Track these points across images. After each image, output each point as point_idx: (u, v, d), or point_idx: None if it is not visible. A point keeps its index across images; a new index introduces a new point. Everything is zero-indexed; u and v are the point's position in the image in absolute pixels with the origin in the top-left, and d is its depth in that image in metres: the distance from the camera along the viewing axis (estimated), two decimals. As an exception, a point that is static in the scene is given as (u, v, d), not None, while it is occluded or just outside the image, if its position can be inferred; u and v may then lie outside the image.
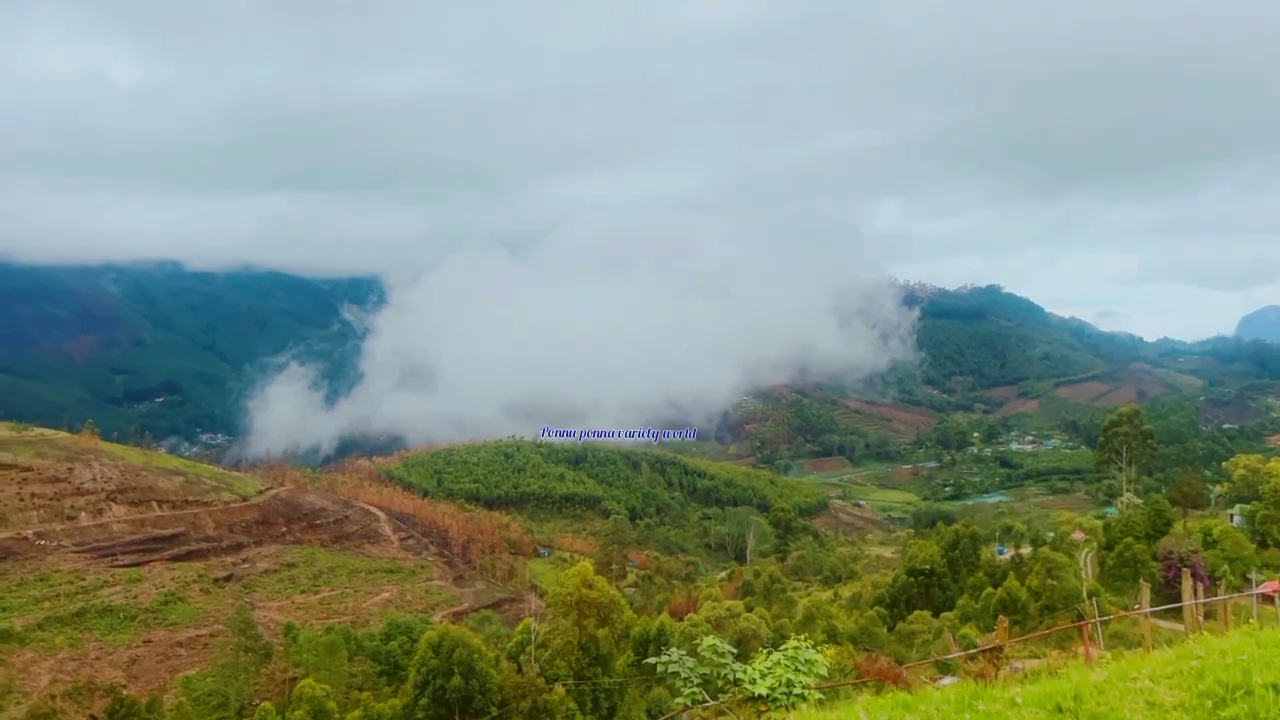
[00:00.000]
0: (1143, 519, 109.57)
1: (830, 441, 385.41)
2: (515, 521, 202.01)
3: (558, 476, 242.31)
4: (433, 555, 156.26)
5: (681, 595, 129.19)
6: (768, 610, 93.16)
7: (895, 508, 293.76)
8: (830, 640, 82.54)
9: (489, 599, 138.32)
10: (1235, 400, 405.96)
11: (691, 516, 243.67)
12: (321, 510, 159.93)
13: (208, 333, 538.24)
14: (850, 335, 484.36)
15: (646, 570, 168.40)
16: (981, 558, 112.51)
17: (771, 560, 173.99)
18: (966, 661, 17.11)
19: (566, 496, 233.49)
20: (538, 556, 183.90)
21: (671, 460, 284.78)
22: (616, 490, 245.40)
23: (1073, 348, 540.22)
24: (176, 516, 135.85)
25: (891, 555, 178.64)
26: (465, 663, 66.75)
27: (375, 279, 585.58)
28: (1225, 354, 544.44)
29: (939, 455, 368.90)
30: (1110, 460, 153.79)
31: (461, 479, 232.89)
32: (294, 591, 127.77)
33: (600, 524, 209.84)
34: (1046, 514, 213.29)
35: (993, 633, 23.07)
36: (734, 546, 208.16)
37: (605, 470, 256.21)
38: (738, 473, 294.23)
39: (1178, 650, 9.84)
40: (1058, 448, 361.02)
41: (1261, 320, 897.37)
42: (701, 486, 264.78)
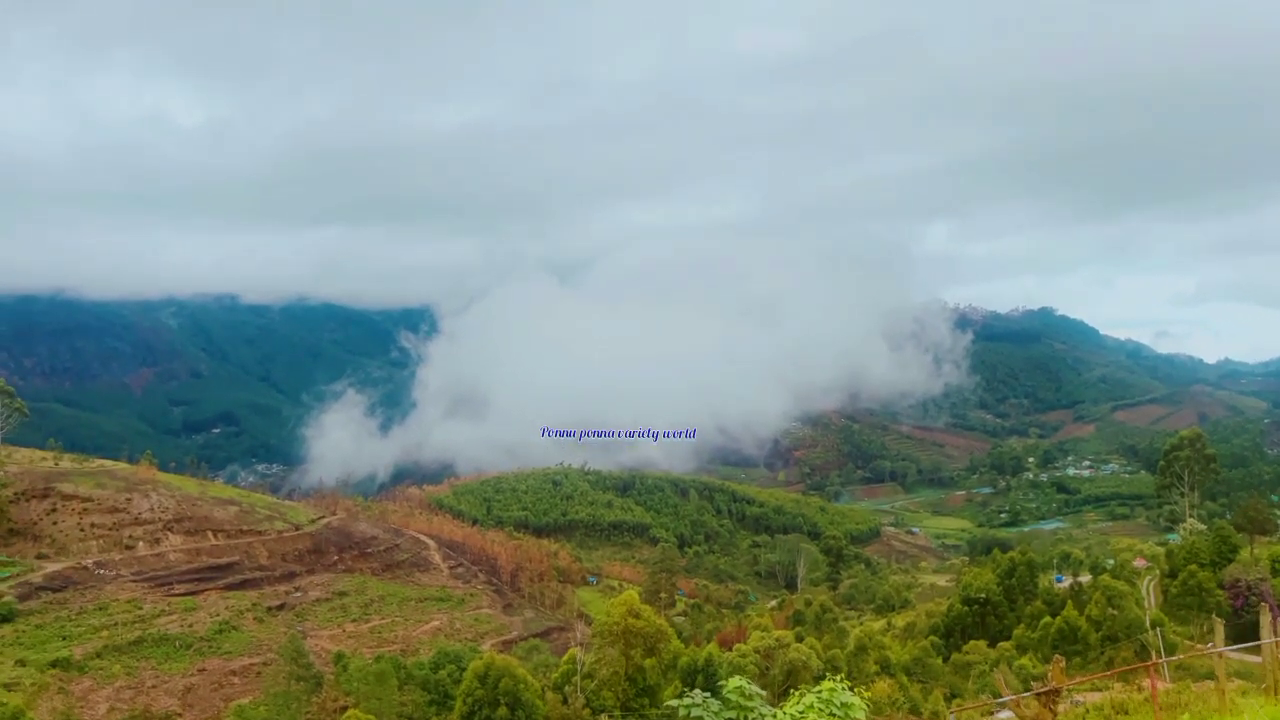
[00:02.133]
0: (1207, 545, 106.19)
1: (881, 468, 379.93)
2: (563, 549, 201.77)
3: (605, 504, 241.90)
4: (481, 583, 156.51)
5: (731, 624, 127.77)
6: (819, 640, 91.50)
7: (949, 535, 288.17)
8: (883, 671, 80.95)
9: (537, 627, 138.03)
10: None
11: (741, 544, 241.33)
12: (372, 539, 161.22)
13: (263, 364, 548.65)
14: (901, 359, 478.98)
15: (695, 599, 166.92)
16: (1039, 586, 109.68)
17: (823, 589, 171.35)
18: (1020, 706, 16.43)
19: (614, 524, 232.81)
20: (586, 584, 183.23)
21: (720, 487, 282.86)
22: (664, 518, 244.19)
23: (1130, 370, 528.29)
24: (231, 546, 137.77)
25: (946, 584, 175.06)
26: (511, 693, 66.44)
27: (427, 309, 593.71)
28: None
29: (993, 481, 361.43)
30: (1171, 485, 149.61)
31: (510, 507, 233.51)
32: (345, 620, 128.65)
33: (648, 552, 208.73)
34: (1106, 540, 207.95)
35: (1051, 664, 22.27)
36: (784, 575, 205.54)
37: (653, 497, 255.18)
38: (787, 499, 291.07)
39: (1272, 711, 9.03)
40: (1116, 472, 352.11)
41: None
42: (750, 514, 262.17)
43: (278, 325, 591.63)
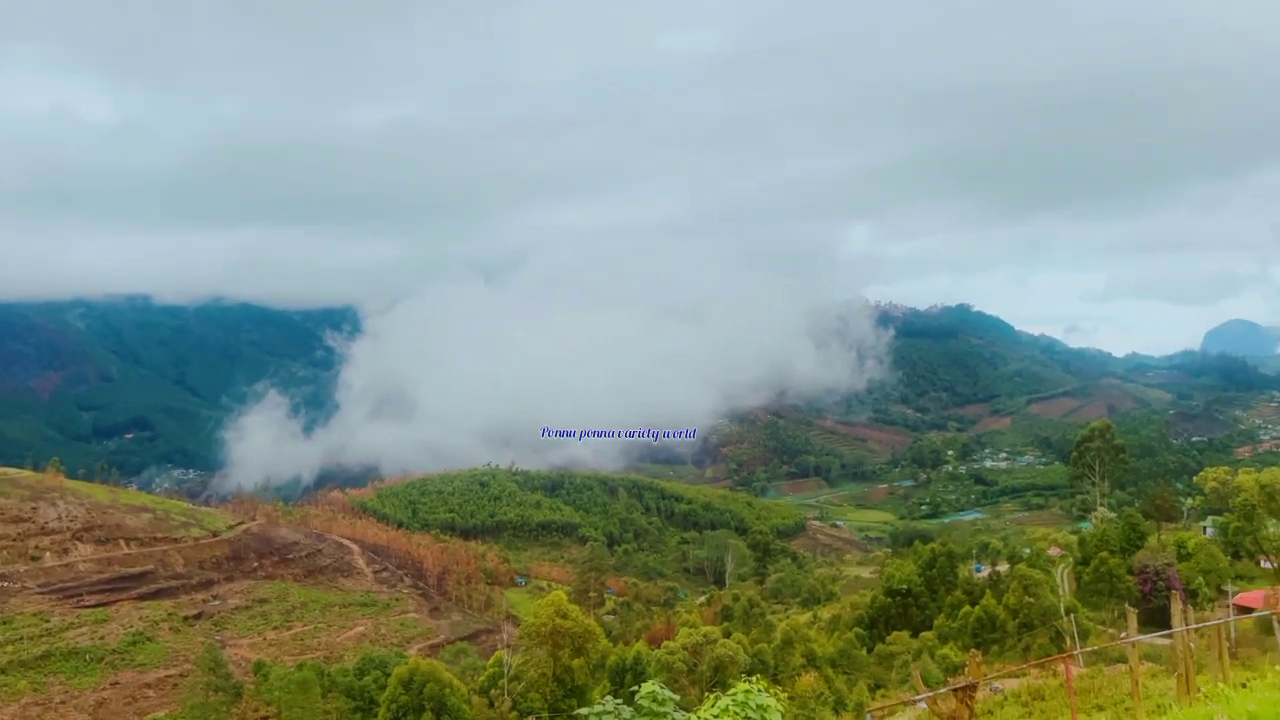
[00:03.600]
0: (1117, 533, 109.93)
1: (806, 463, 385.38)
2: (491, 551, 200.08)
3: (534, 504, 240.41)
4: (407, 587, 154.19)
5: (660, 622, 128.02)
6: (746, 635, 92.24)
7: (872, 527, 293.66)
8: (809, 664, 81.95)
9: (465, 630, 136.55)
10: (1203, 413, 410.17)
11: (670, 541, 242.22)
12: (294, 544, 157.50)
13: (178, 367, 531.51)
14: (826, 357, 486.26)
15: (625, 597, 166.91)
16: (959, 576, 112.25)
17: (750, 583, 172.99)
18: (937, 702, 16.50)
19: (543, 524, 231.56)
20: (515, 586, 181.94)
21: (649, 485, 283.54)
22: (594, 517, 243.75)
23: (1043, 364, 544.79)
24: (144, 554, 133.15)
25: (870, 575, 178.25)
26: (437, 698, 65.46)
27: (350, 309, 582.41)
28: (1192, 368, 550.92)
29: (914, 474, 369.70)
30: (1083, 475, 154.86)
31: (436, 509, 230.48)
32: (266, 628, 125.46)
33: (577, 551, 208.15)
34: (1022, 530, 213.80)
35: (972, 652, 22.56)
36: (713, 570, 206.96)
37: (582, 496, 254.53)
38: (715, 496, 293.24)
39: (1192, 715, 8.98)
40: (1031, 464, 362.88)
41: (1226, 334, 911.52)
42: (679, 511, 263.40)
43: (193, 326, 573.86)
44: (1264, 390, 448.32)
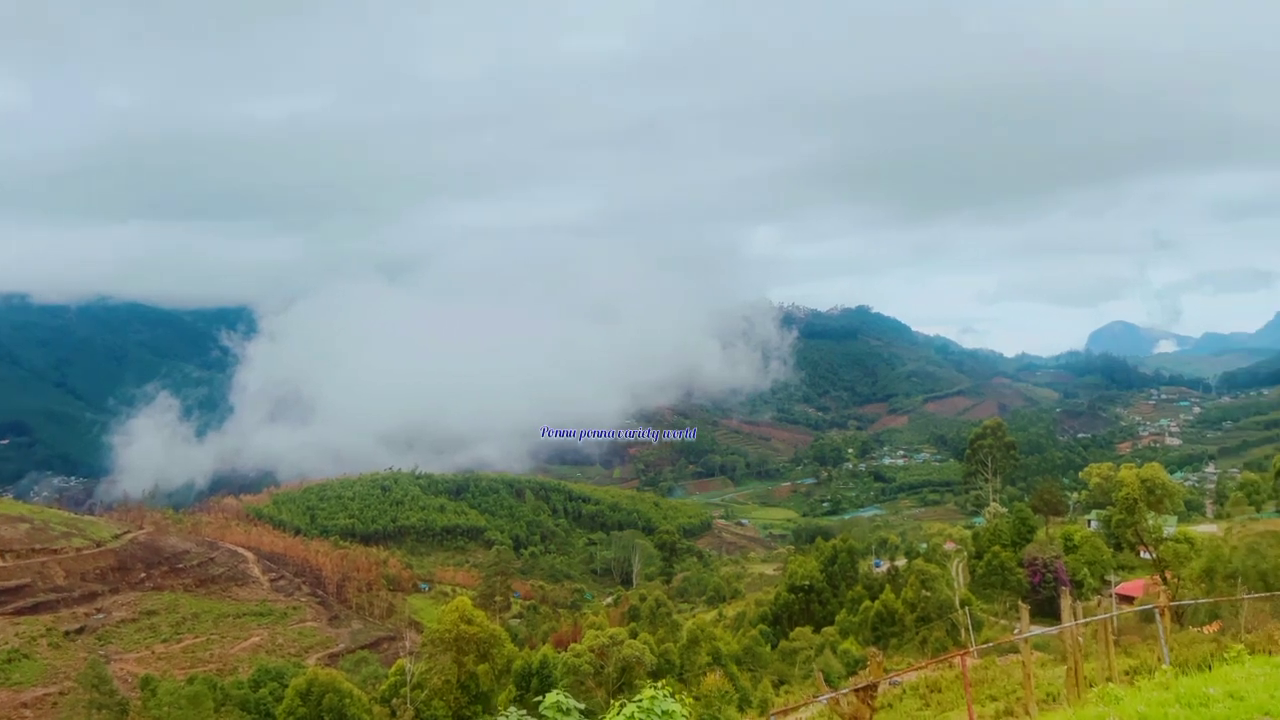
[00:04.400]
0: (1008, 527, 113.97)
1: (712, 462, 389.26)
2: (394, 557, 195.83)
3: (438, 508, 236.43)
4: (305, 595, 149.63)
5: (567, 624, 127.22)
6: (653, 635, 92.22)
7: (776, 525, 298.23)
8: (715, 663, 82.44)
9: (366, 638, 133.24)
10: (1088, 411, 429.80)
11: (577, 543, 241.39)
12: (184, 553, 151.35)
13: (59, 369, 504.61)
14: (732, 357, 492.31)
15: (531, 600, 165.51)
16: (859, 571, 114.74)
17: (657, 583, 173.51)
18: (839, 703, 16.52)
19: (448, 529, 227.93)
20: (418, 592, 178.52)
21: (556, 487, 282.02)
22: (500, 520, 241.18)
23: (938, 364, 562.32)
24: (21, 566, 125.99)
25: (774, 572, 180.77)
26: (336, 709, 63.56)
27: (245, 308, 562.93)
28: (1077, 367, 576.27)
29: (816, 472, 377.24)
30: (977, 471, 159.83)
31: (336, 515, 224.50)
32: (154, 641, 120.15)
33: (483, 555, 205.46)
34: (919, 525, 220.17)
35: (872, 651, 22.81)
36: (620, 571, 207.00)
37: (488, 500, 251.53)
38: (623, 496, 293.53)
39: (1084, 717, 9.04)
40: (927, 461, 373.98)
41: (1109, 334, 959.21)
42: (587, 512, 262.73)
43: (76, 326, 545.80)
44: (1142, 389, 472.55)
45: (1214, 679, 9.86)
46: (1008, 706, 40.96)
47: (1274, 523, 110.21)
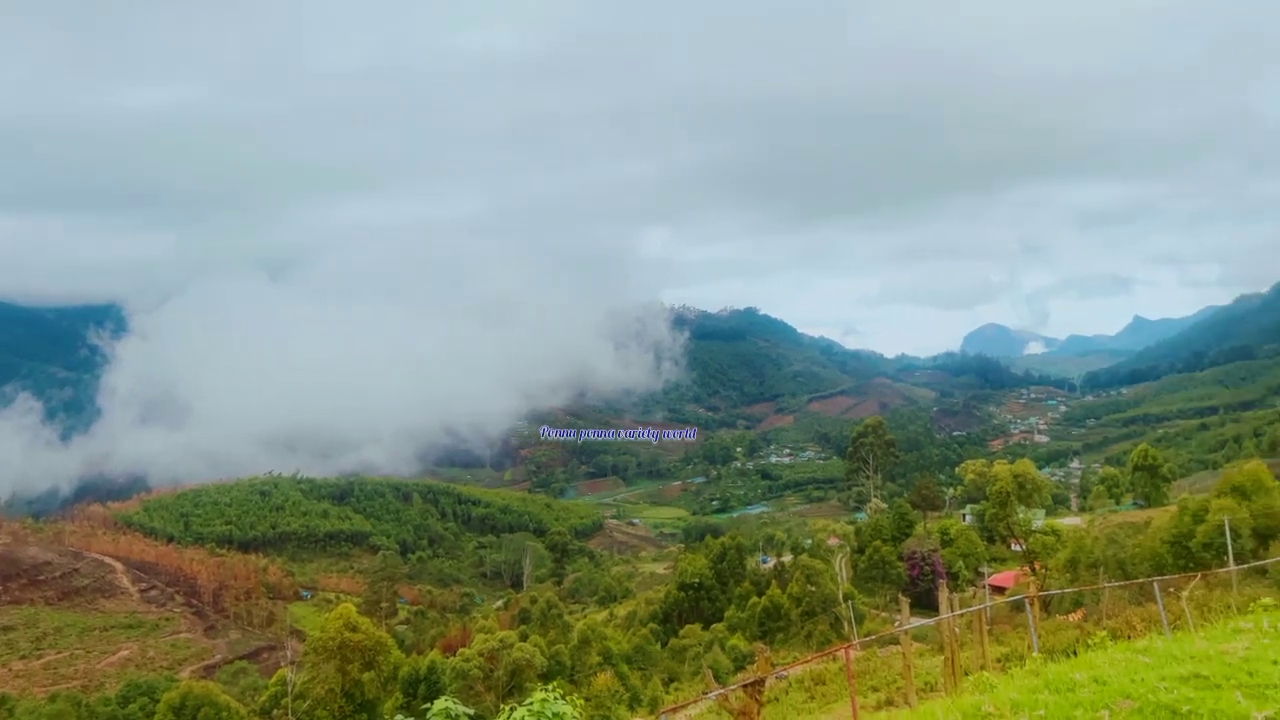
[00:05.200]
0: (889, 523, 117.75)
1: (604, 462, 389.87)
2: (274, 564, 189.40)
3: (321, 513, 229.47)
4: (179, 606, 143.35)
5: (456, 629, 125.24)
6: (543, 637, 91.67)
7: (667, 524, 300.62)
8: (606, 662, 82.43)
9: (245, 649, 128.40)
10: (963, 409, 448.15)
11: (467, 546, 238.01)
12: (45, 564, 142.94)
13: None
14: (625, 358, 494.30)
15: (419, 606, 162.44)
16: (747, 568, 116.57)
17: (548, 585, 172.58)
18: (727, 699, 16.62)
19: (331, 534, 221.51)
20: (300, 600, 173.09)
21: (445, 490, 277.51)
22: (386, 524, 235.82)
23: (823, 365, 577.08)
24: None
25: (664, 571, 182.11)
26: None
27: (114, 306, 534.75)
28: (953, 367, 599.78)
29: (706, 471, 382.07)
30: (859, 469, 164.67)
31: (212, 521, 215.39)
32: (11, 658, 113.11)
33: (369, 561, 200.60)
34: (805, 522, 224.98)
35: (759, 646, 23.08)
36: (510, 574, 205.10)
37: (373, 504, 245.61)
38: (514, 498, 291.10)
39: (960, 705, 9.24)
40: (812, 459, 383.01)
41: (982, 336, 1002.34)
42: (477, 515, 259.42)
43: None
44: (1014, 388, 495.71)
45: (1080, 665, 10.26)
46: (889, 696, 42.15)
47: (1132, 514, 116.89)
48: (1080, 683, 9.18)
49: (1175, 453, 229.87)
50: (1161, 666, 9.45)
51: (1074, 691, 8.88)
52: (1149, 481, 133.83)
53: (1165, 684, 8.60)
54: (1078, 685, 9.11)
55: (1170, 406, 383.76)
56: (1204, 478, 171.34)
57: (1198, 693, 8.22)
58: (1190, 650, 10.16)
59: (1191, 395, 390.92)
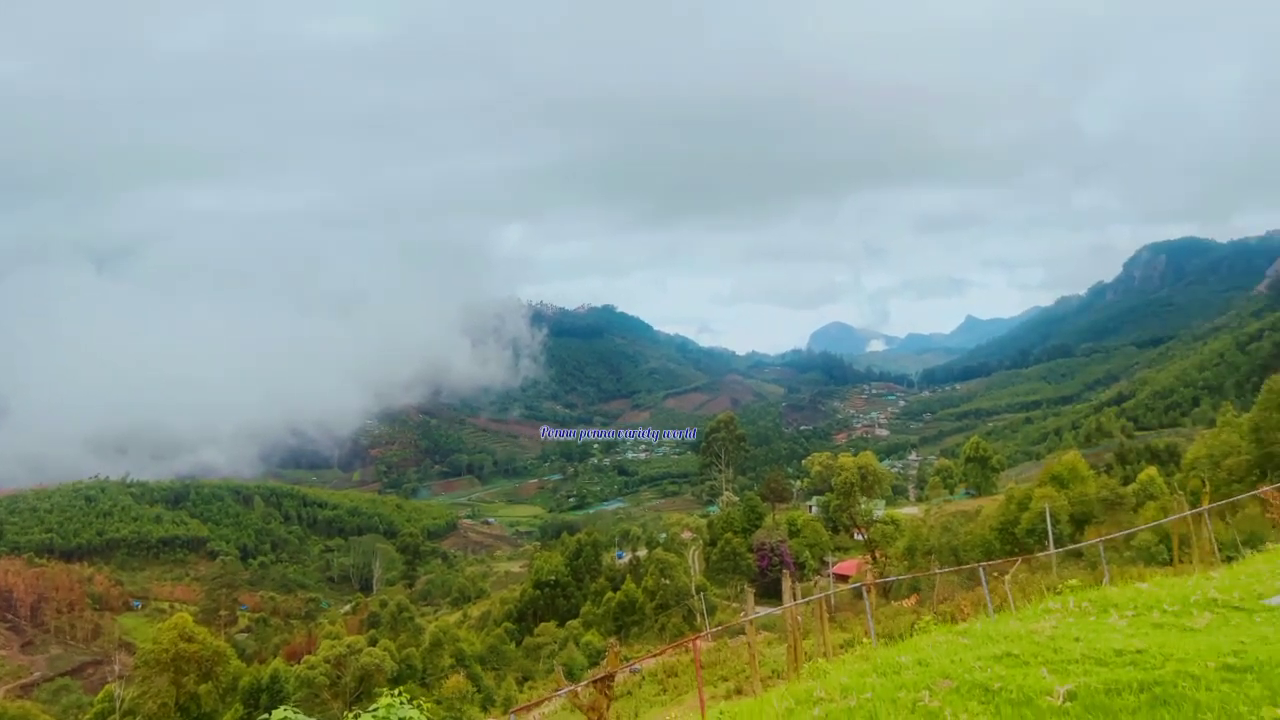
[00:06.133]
0: (740, 515, 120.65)
1: (459, 461, 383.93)
2: (100, 573, 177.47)
3: (153, 519, 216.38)
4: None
5: (301, 635, 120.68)
6: (394, 641, 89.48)
7: (523, 522, 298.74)
8: (458, 664, 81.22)
9: (67, 664, 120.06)
10: (809, 405, 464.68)
11: (312, 550, 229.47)
12: None
13: None
14: (483, 355, 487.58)
15: (261, 613, 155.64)
16: (603, 564, 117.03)
17: (399, 588, 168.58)
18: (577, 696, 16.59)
19: (165, 540, 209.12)
20: (130, 610, 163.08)
21: (289, 492, 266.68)
22: (225, 529, 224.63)
23: (678, 362, 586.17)
24: None
25: (520, 570, 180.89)
26: (26, 748, 56.51)
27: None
28: (801, 364, 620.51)
29: (563, 468, 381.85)
30: (712, 463, 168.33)
31: (30, 529, 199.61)
32: None
33: (207, 567, 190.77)
34: (660, 516, 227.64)
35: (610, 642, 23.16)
36: (359, 578, 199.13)
37: (211, 508, 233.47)
38: (363, 500, 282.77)
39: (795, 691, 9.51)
40: (667, 454, 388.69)
41: (827, 334, 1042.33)
42: (323, 517, 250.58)
43: None
44: (857, 384, 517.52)
45: (906, 648, 10.74)
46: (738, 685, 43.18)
47: (965, 503, 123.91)
48: (906, 665, 9.60)
49: (1004, 445, 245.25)
50: (979, 647, 9.99)
51: (900, 674, 9.28)
52: (980, 472, 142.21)
53: (981, 663, 9.10)
54: (903, 668, 9.53)
55: (999, 401, 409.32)
56: (1028, 468, 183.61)
57: (1009, 670, 8.73)
58: (1005, 631, 10.79)
59: (1018, 390, 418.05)
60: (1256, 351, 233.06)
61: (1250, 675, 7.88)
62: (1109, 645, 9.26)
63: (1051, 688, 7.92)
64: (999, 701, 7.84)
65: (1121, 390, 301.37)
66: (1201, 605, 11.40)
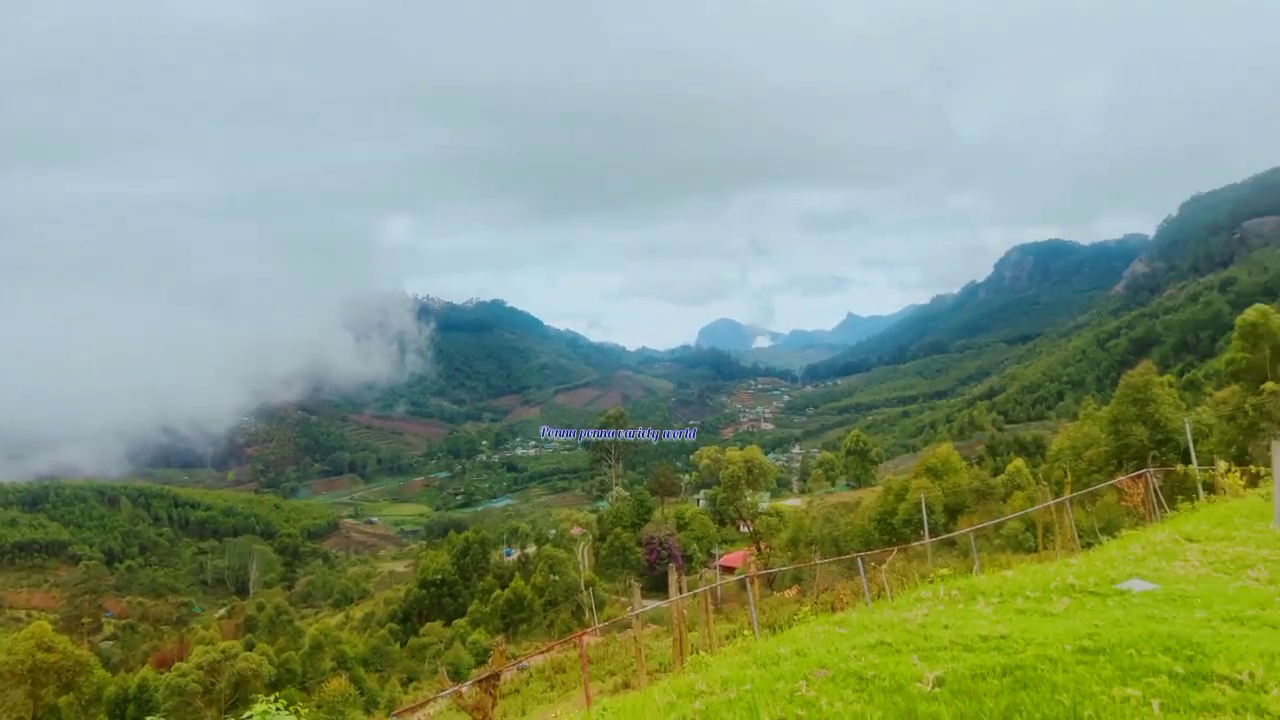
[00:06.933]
0: (629, 510, 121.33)
1: (341, 459, 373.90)
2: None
3: (9, 522, 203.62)
4: None
5: (172, 642, 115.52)
6: (272, 645, 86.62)
7: (409, 521, 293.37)
8: (340, 667, 79.18)
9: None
10: (698, 400, 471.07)
11: (185, 553, 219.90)
12: None
13: None
14: (366, 350, 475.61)
15: (128, 619, 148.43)
16: (491, 561, 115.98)
17: (278, 590, 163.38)
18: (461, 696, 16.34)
19: (21, 545, 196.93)
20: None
21: (159, 492, 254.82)
22: (88, 532, 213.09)
23: (569, 357, 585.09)
24: None
25: (405, 569, 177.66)
26: None
27: None
28: (689, 360, 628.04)
29: (450, 465, 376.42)
30: (602, 459, 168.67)
31: None
32: None
33: (68, 573, 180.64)
34: (549, 513, 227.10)
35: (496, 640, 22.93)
36: (235, 580, 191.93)
37: (73, 510, 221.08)
38: (238, 500, 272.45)
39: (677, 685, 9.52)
40: (557, 450, 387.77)
41: (715, 331, 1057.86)
42: (196, 519, 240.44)
43: None
44: (743, 379, 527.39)
45: (785, 639, 10.95)
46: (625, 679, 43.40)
47: (845, 495, 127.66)
48: (785, 656, 9.77)
49: (882, 438, 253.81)
50: (854, 636, 10.26)
51: (779, 665, 9.44)
52: (860, 464, 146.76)
53: (856, 652, 9.34)
54: (782, 659, 9.69)
55: (878, 396, 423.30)
56: (906, 460, 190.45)
57: (882, 658, 8.99)
58: (880, 619, 11.11)
59: (896, 386, 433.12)
60: (1115, 348, 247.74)
61: (1103, 656, 8.32)
62: (975, 631, 9.64)
63: (922, 674, 8.19)
64: (872, 689, 8.05)
65: (992, 385, 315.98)
66: (1060, 591, 11.98)
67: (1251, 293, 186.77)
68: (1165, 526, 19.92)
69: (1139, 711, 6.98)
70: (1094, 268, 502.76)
